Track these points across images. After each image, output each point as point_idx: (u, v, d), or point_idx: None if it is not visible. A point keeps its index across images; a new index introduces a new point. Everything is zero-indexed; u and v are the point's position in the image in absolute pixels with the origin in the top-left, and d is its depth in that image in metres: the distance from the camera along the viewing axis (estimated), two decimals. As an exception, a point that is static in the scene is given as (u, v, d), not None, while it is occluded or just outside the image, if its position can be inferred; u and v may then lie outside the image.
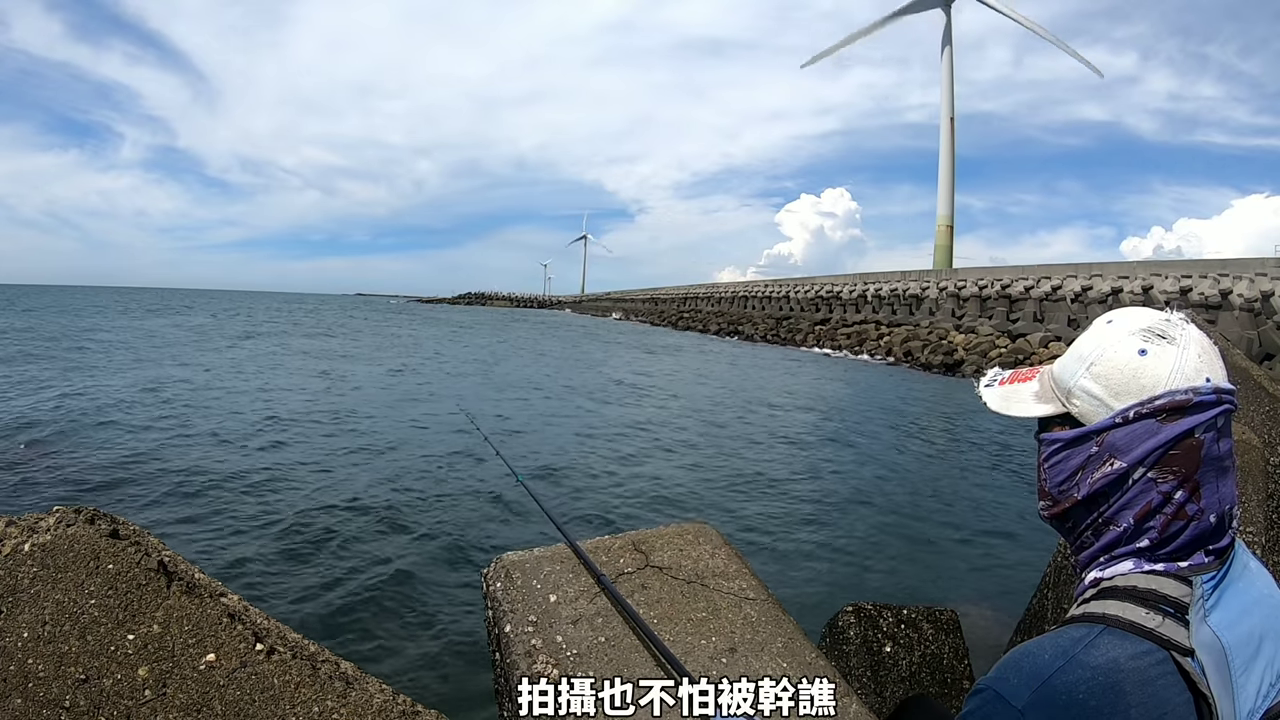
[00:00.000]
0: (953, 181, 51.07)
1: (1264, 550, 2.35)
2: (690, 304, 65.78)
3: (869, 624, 2.38)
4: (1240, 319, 20.01)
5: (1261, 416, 3.90)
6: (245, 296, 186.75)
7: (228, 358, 20.62)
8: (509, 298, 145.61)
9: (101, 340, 25.12)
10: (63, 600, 1.26)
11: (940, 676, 2.36)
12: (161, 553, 1.40)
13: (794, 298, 46.35)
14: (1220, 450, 0.71)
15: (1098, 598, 0.73)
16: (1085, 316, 24.66)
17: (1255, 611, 0.72)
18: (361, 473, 7.80)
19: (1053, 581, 2.75)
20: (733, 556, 1.89)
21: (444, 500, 6.86)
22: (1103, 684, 0.64)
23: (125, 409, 11.11)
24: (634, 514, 6.83)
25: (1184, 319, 0.75)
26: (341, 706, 1.28)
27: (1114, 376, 0.74)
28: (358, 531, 5.83)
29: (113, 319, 41.55)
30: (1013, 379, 0.86)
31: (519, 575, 1.71)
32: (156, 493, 6.71)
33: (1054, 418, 0.79)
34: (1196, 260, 23.83)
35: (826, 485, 8.21)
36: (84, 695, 1.18)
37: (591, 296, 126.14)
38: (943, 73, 50.56)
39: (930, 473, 9.18)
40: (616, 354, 28.93)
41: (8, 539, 1.33)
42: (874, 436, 11.67)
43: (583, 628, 1.58)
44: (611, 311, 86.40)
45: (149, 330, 31.94)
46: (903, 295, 35.48)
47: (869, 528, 6.63)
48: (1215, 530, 0.72)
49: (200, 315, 51.36)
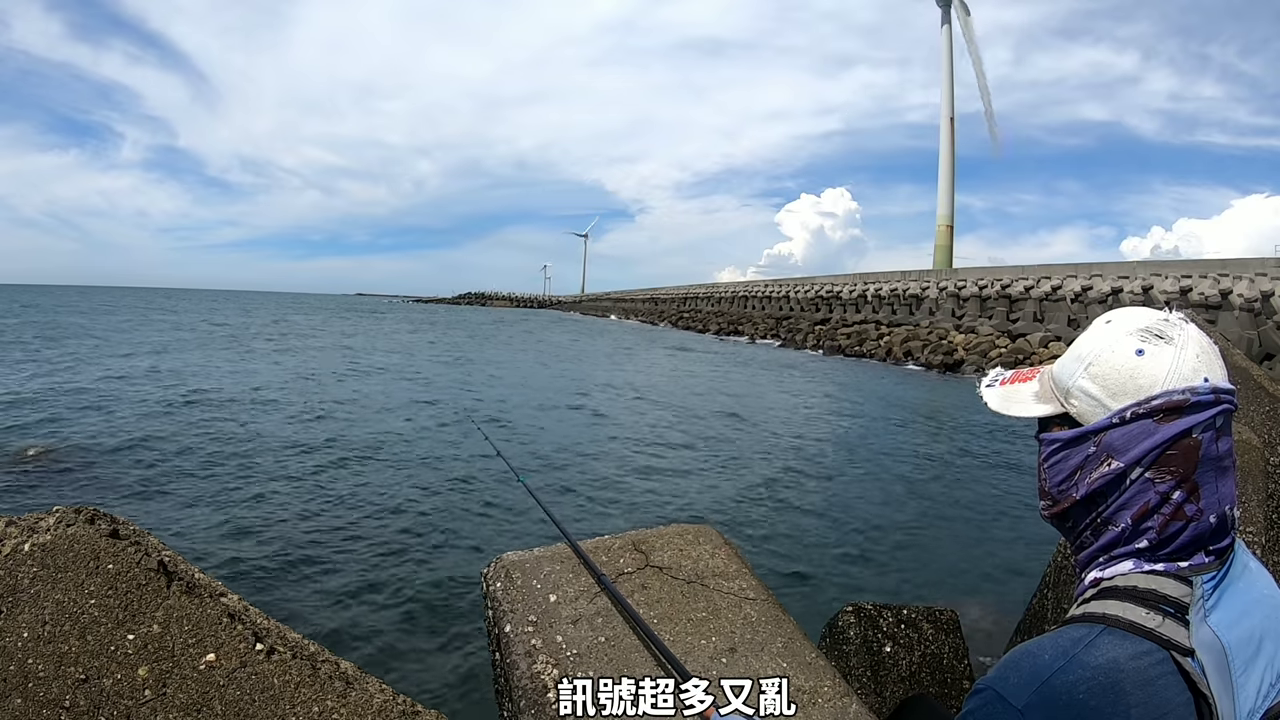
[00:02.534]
0: (953, 181, 51.09)
1: (1264, 550, 2.35)
2: (690, 304, 65.77)
3: (869, 624, 2.38)
4: (1240, 319, 20.01)
5: (1261, 416, 3.90)
6: (245, 297, 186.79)
7: (227, 357, 20.63)
8: (509, 298, 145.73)
9: (100, 339, 25.13)
10: (63, 600, 1.26)
11: (940, 676, 2.36)
12: (161, 553, 1.40)
13: (794, 298, 46.34)
14: (1219, 450, 0.71)
15: (1098, 598, 0.73)
16: (1085, 316, 24.66)
17: (1255, 612, 0.72)
18: (362, 472, 7.80)
19: (1053, 581, 2.75)
20: (733, 556, 1.89)
21: (444, 500, 6.87)
22: (1103, 684, 0.64)
23: (125, 409, 11.11)
24: (634, 514, 6.83)
25: (1183, 319, 0.75)
26: (341, 706, 1.28)
27: (1111, 377, 0.74)
28: (358, 531, 5.83)
29: (101, 318, 41.58)
30: (1013, 379, 0.86)
31: (519, 575, 1.71)
32: (156, 492, 6.72)
33: (1053, 418, 0.79)
34: (1196, 260, 23.83)
35: (827, 485, 8.21)
36: (84, 695, 1.18)
37: (591, 296, 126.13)
38: (943, 73, 50.59)
39: (930, 473, 9.17)
40: (616, 354, 28.92)
41: (8, 539, 1.33)
42: (874, 436, 11.67)
43: (583, 628, 1.58)
44: (610, 313, 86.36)
45: (154, 328, 31.96)
46: (903, 295, 35.48)
47: (869, 528, 6.63)
48: (1215, 530, 0.72)
49: (202, 316, 51.40)
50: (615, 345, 34.72)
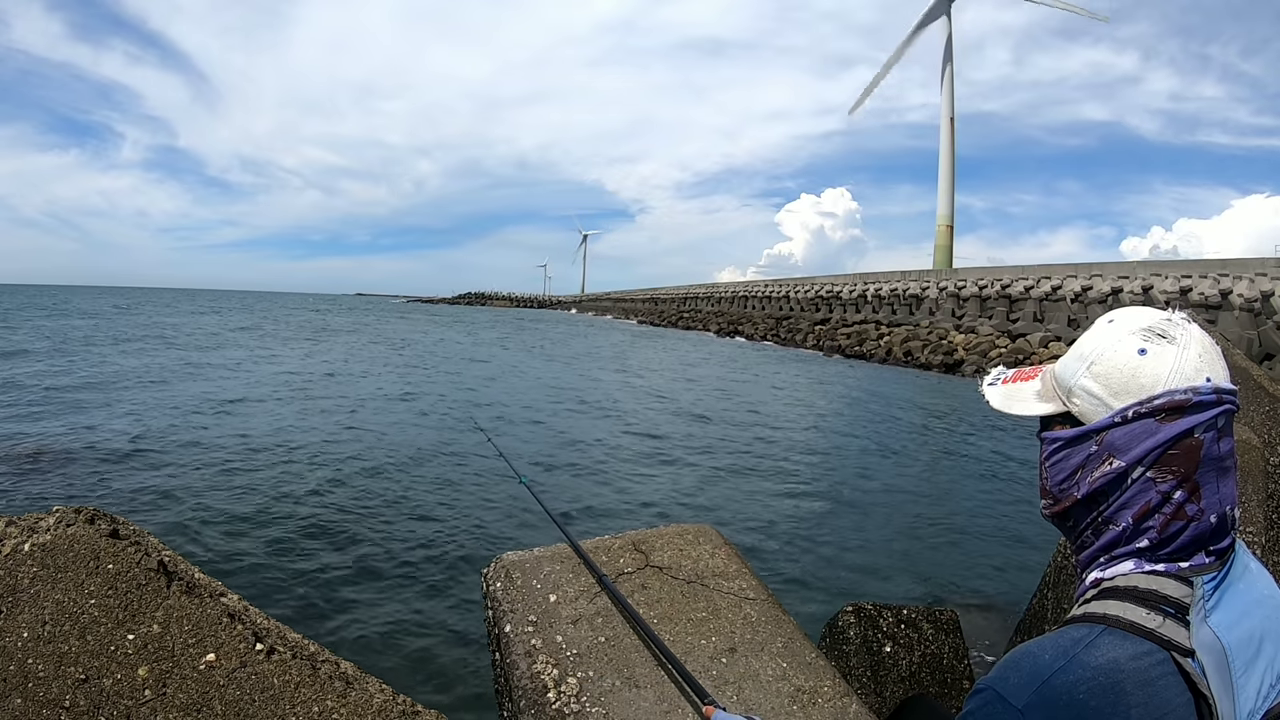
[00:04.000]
0: (953, 181, 51.08)
1: (1264, 550, 2.35)
2: (690, 304, 65.77)
3: (869, 624, 2.38)
4: (1240, 319, 20.01)
5: (1261, 416, 3.90)
6: (246, 296, 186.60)
7: (228, 357, 20.62)
8: (509, 298, 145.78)
9: (97, 338, 25.13)
10: (63, 600, 1.26)
11: (940, 676, 2.36)
12: (161, 553, 1.40)
13: (794, 298, 46.35)
14: (1220, 450, 0.71)
15: (1098, 598, 0.73)
16: (1085, 316, 24.67)
17: (1256, 612, 0.72)
18: (362, 472, 7.80)
19: (1053, 581, 2.75)
20: (733, 556, 1.89)
21: (445, 499, 6.87)
22: (1103, 684, 0.64)
23: (126, 408, 11.12)
24: (635, 514, 6.83)
25: (1186, 318, 0.75)
26: (341, 706, 1.28)
27: (1113, 376, 0.74)
28: (358, 531, 5.83)
29: (111, 317, 41.60)
30: (1015, 378, 0.86)
31: (519, 575, 1.70)
32: (156, 492, 6.71)
33: (1055, 416, 0.79)
34: (1196, 260, 23.82)
35: (827, 485, 8.21)
36: (84, 695, 1.18)
37: (591, 296, 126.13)
38: (943, 73, 50.56)
39: (930, 473, 9.18)
40: (616, 354, 28.92)
41: (8, 539, 1.33)
42: (874, 437, 11.67)
43: (583, 627, 1.58)
44: (609, 313, 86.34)
45: (155, 327, 31.97)
46: (903, 295, 35.48)
47: (869, 528, 6.63)
48: (1216, 530, 0.71)
49: (209, 315, 51.39)
50: (615, 345, 34.72)
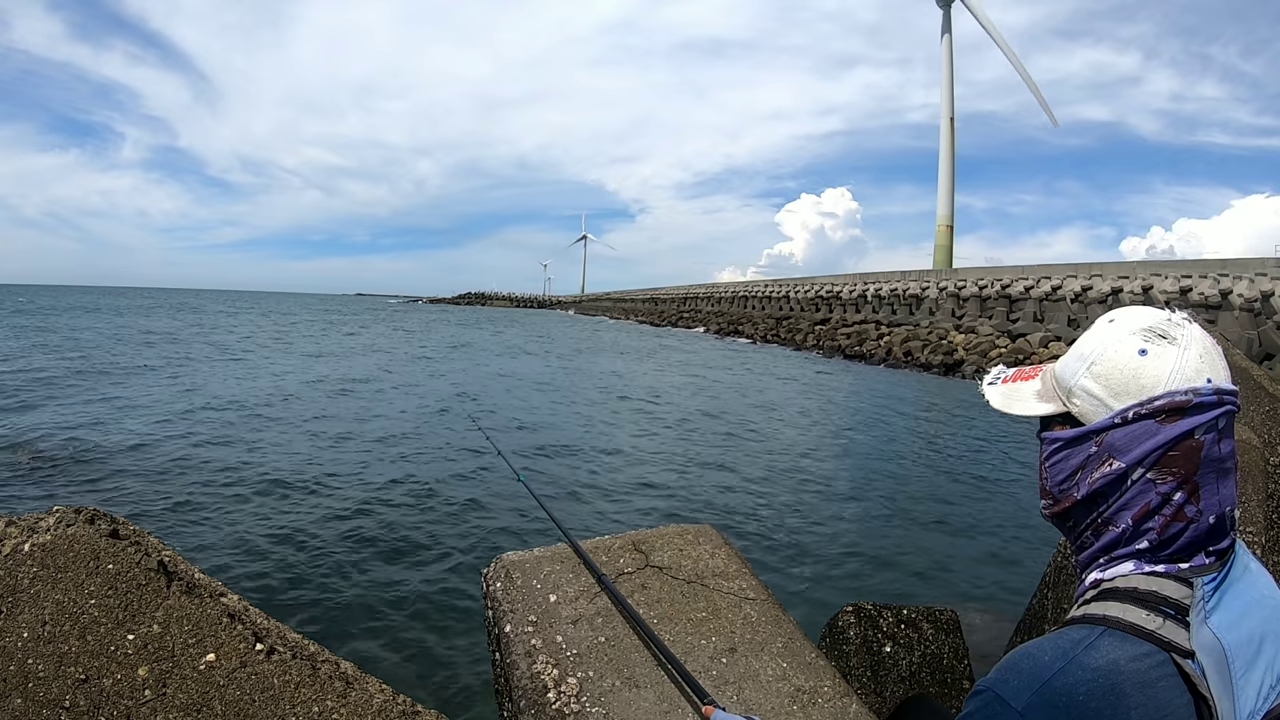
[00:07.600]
0: (953, 181, 51.05)
1: (1264, 550, 2.35)
2: (690, 304, 65.74)
3: (869, 624, 2.38)
4: (1240, 319, 20.00)
5: (1261, 416, 3.90)
6: (246, 297, 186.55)
7: (226, 356, 20.63)
8: (509, 298, 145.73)
9: (96, 338, 25.13)
10: (63, 600, 1.26)
11: (940, 676, 2.36)
12: (161, 553, 1.40)
13: (794, 298, 46.33)
14: (1221, 452, 0.71)
15: (1098, 599, 0.73)
16: (1085, 316, 24.65)
17: (1255, 613, 0.72)
18: (362, 472, 7.80)
19: (1053, 581, 2.75)
20: (733, 556, 1.89)
21: (445, 499, 6.86)
22: (1103, 686, 0.64)
23: (125, 407, 11.12)
24: (635, 514, 6.83)
25: (1186, 319, 0.75)
26: (341, 706, 1.28)
27: (1114, 376, 0.74)
28: (358, 530, 5.83)
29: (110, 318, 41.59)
30: (1016, 377, 0.86)
31: (519, 575, 1.70)
32: (156, 493, 6.71)
33: (1055, 417, 0.79)
34: (1197, 260, 23.80)
35: (826, 486, 8.21)
36: (84, 695, 1.18)
37: (591, 296, 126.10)
38: (943, 73, 50.54)
39: (930, 473, 9.17)
40: (616, 354, 28.92)
41: (8, 539, 1.33)
42: (874, 437, 11.67)
43: (583, 628, 1.58)
44: (610, 313, 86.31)
45: (155, 328, 31.97)
46: (903, 295, 35.46)
47: (869, 528, 6.62)
48: (1215, 532, 0.71)
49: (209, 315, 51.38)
50: (615, 345, 34.71)
